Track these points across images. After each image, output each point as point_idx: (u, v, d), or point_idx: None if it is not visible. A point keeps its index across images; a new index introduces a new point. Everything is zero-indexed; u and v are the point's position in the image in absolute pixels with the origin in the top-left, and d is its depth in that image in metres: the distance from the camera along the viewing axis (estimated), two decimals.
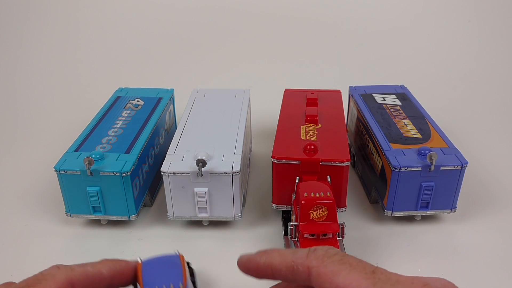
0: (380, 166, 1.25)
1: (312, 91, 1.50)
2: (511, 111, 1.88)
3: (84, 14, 2.22)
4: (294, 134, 1.25)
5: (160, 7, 2.24)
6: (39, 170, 1.51)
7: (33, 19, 2.19)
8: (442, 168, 1.15)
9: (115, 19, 2.23)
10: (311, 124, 1.30)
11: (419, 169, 1.14)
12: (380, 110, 1.42)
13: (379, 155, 1.25)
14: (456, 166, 1.15)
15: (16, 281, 0.64)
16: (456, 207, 1.22)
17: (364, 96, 1.51)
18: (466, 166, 1.16)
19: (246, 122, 1.37)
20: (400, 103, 1.46)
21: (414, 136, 1.28)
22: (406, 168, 1.14)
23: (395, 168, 1.15)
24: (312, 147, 1.16)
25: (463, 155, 1.19)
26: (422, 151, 1.17)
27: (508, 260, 1.14)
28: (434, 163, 1.13)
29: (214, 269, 1.12)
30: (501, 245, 1.19)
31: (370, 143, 1.34)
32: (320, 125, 1.29)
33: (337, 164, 1.13)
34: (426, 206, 1.20)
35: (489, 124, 1.79)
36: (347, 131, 1.58)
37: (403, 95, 1.52)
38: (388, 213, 1.21)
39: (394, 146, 1.22)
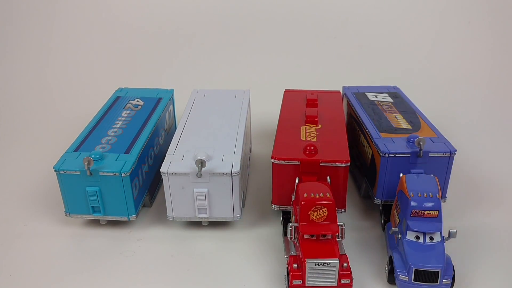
0: (370, 155, 1.26)
1: (312, 92, 1.50)
2: (509, 113, 1.88)
3: (83, 13, 2.21)
4: (294, 135, 1.25)
5: (160, 6, 2.23)
6: (38, 170, 1.51)
7: (32, 18, 2.18)
8: (430, 154, 1.15)
9: (115, 18, 2.22)
10: (311, 125, 1.30)
11: (408, 155, 1.15)
12: (372, 106, 1.43)
13: (369, 145, 1.26)
14: (444, 153, 1.15)
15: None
16: (446, 197, 1.22)
17: (357, 94, 1.52)
18: (455, 153, 1.16)
19: (246, 122, 1.37)
20: (392, 100, 1.47)
21: (404, 127, 1.28)
22: (394, 154, 1.15)
23: (384, 154, 1.15)
24: (312, 147, 1.16)
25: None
26: (411, 139, 1.18)
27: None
28: (422, 148, 1.13)
29: (214, 270, 1.12)
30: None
31: (361, 136, 1.35)
32: (320, 126, 1.29)
33: (337, 165, 1.13)
34: None
35: (488, 127, 1.79)
36: None
37: (395, 93, 1.53)
38: (378, 201, 1.21)
39: (383, 135, 1.24)
